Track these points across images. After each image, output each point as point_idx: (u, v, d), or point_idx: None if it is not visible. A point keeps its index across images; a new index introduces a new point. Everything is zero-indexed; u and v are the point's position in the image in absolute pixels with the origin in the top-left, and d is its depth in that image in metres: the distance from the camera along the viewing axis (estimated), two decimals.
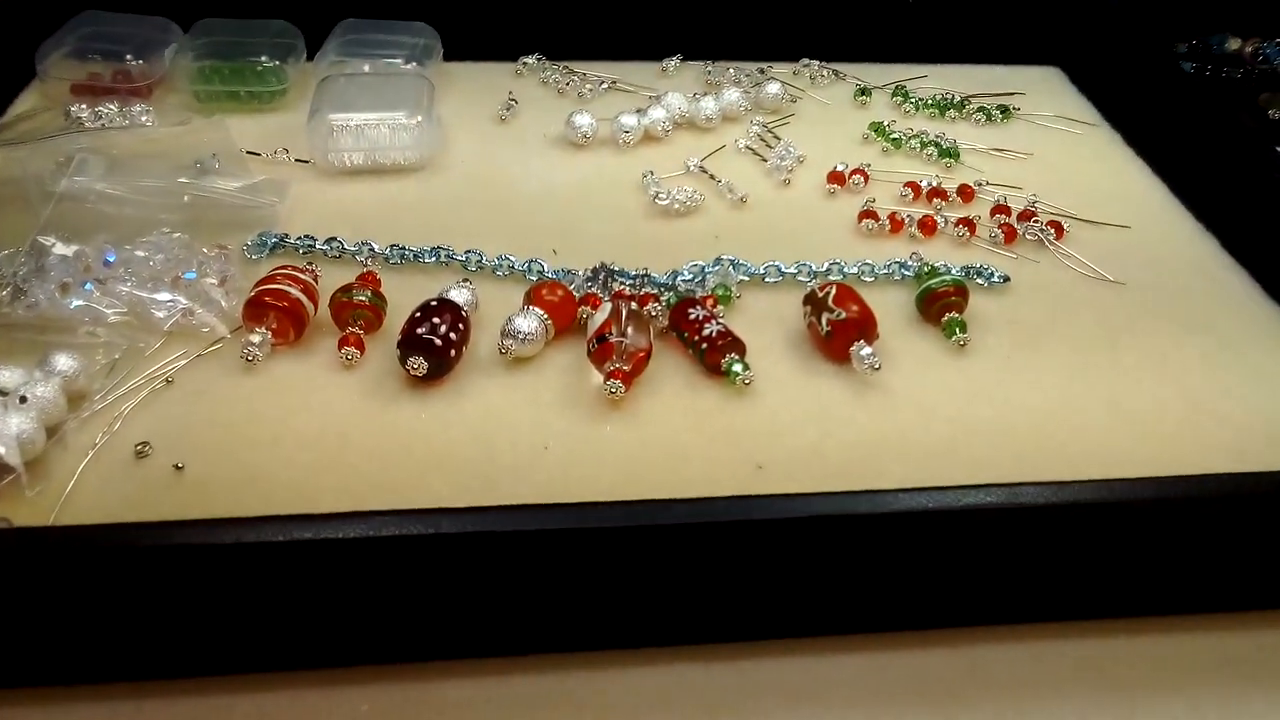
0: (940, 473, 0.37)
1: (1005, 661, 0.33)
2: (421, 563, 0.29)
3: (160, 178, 0.47)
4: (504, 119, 0.58)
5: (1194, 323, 0.45)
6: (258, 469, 0.35)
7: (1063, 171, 0.56)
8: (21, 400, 0.35)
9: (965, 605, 0.33)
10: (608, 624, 0.32)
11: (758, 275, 0.46)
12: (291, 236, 0.46)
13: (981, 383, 0.41)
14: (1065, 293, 0.47)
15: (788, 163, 0.54)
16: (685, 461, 0.37)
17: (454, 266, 0.46)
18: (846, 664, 0.32)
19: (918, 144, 0.57)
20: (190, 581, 0.29)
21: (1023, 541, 0.32)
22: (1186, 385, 0.42)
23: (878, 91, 0.63)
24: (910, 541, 0.31)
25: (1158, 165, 0.57)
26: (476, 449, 0.37)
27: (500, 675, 0.31)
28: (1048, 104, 0.63)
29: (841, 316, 0.41)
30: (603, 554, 0.30)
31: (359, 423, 0.37)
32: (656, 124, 0.57)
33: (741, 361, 0.40)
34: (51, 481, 0.34)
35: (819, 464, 0.37)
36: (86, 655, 0.30)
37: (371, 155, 0.52)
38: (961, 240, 0.50)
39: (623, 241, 0.49)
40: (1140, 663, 0.33)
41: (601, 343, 0.39)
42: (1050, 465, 0.38)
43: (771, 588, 0.32)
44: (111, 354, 0.39)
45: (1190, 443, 0.39)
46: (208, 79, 0.56)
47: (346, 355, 0.39)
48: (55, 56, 0.55)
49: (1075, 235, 0.51)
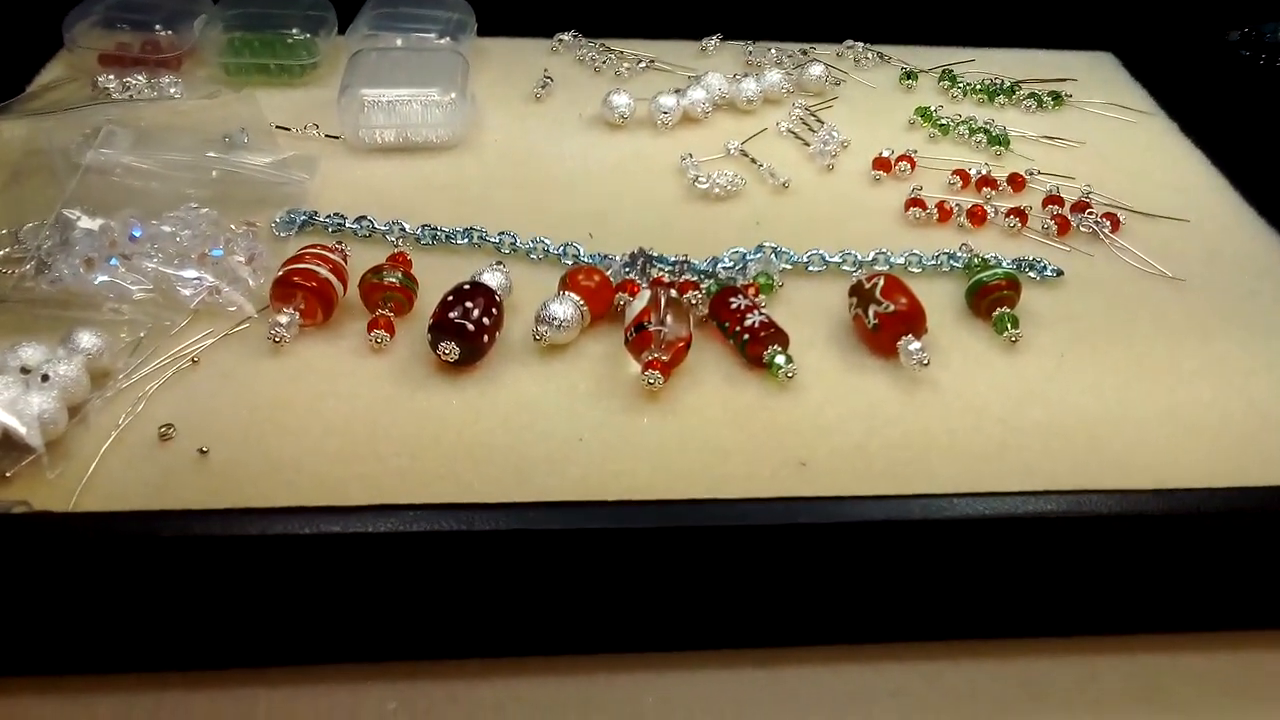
0: (991, 476, 0.36)
1: (1059, 675, 0.31)
2: (452, 559, 0.28)
3: (188, 151, 0.46)
4: (539, 97, 0.57)
5: (1259, 324, 0.43)
6: (283, 456, 0.34)
7: (1117, 161, 0.54)
8: (44, 379, 0.34)
9: (1018, 616, 0.32)
10: (643, 626, 0.31)
11: (801, 264, 0.44)
12: (320, 214, 0.45)
13: (1034, 382, 0.39)
14: (1121, 289, 0.45)
15: (831, 147, 0.53)
16: (725, 457, 0.35)
17: (486, 248, 0.45)
18: (893, 673, 0.31)
19: (966, 130, 0.55)
20: (213, 572, 0.28)
21: (1083, 551, 0.30)
22: (1252, 393, 0.40)
23: (924, 75, 0.61)
24: (965, 549, 0.29)
25: (1216, 156, 0.55)
26: (508, 439, 0.36)
27: (531, 676, 0.30)
28: (1100, 91, 0.61)
29: (890, 309, 0.39)
30: (640, 554, 0.29)
31: (388, 409, 0.36)
32: (696, 105, 0.55)
33: (785, 354, 0.38)
34: (73, 463, 0.33)
35: (864, 463, 0.36)
36: (107, 644, 0.29)
37: (403, 132, 0.50)
38: (1012, 231, 0.48)
39: (661, 226, 0.47)
40: (1205, 681, 0.31)
41: (640, 331, 0.38)
42: (1106, 474, 0.36)
43: (817, 592, 0.30)
44: (136, 332, 0.38)
45: (1255, 455, 0.37)
46: (237, 51, 0.55)
47: (376, 338, 0.38)
48: (83, 25, 0.54)
49: (1131, 228, 0.49)
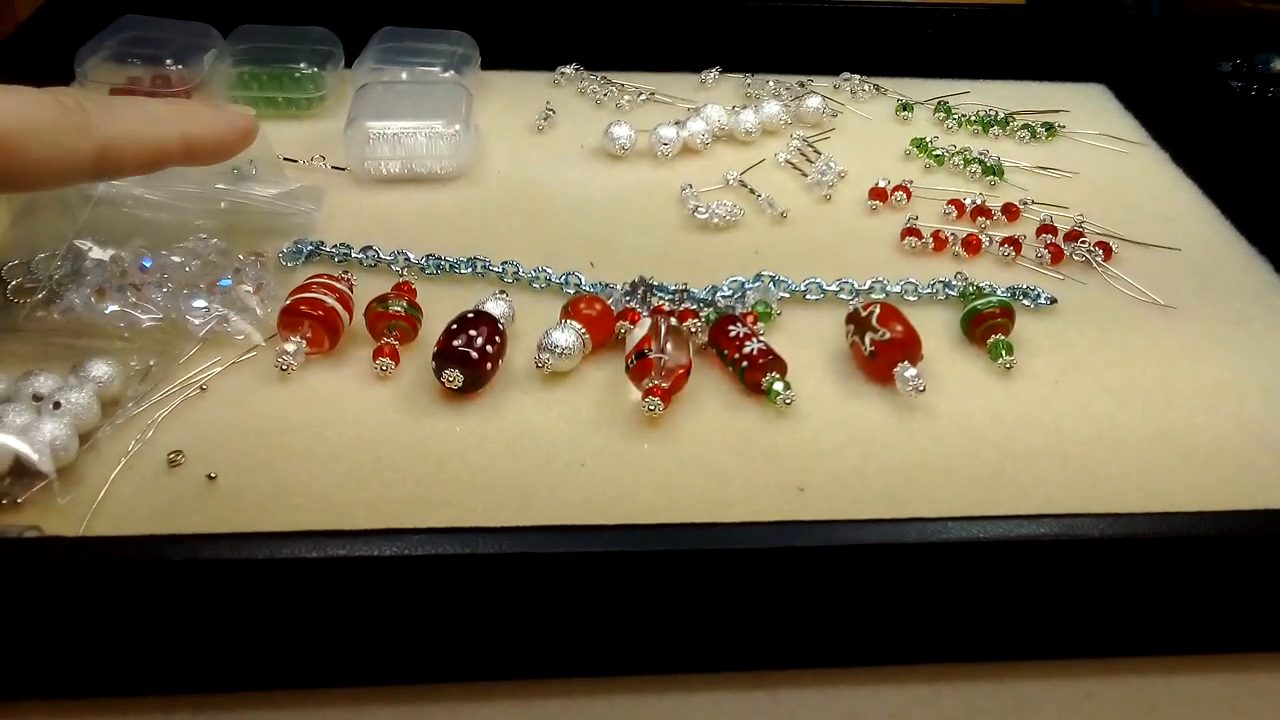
0: (986, 500, 0.36)
1: (1054, 697, 0.31)
2: (456, 582, 0.29)
3: (197, 183, 0.46)
4: (541, 129, 0.58)
5: (1250, 349, 0.44)
6: (290, 481, 0.35)
7: (1109, 191, 0.55)
8: (55, 406, 0.35)
9: (1013, 638, 0.32)
10: (644, 648, 0.31)
11: (799, 292, 0.45)
12: (327, 244, 0.46)
13: (1028, 408, 0.40)
14: (1114, 316, 0.46)
15: (829, 178, 0.53)
16: (725, 482, 0.36)
17: (490, 278, 0.45)
18: (889, 696, 0.31)
19: (961, 161, 0.56)
20: (222, 596, 0.28)
21: (1077, 574, 0.30)
22: (1244, 417, 0.40)
23: (919, 107, 0.62)
24: (960, 572, 0.30)
25: (1207, 186, 0.56)
26: (511, 465, 0.36)
27: (533, 698, 0.30)
28: (1093, 122, 0.62)
29: (886, 337, 0.40)
30: (640, 577, 0.29)
31: (392, 435, 0.37)
32: (695, 136, 0.56)
33: (783, 380, 0.39)
34: (84, 489, 0.34)
35: (861, 488, 0.36)
36: (115, 668, 0.29)
37: (408, 164, 0.51)
38: (1007, 260, 0.49)
39: (661, 255, 0.48)
40: (1199, 703, 0.31)
41: (640, 359, 0.38)
42: (1100, 497, 0.36)
43: (815, 615, 0.31)
44: (146, 360, 0.39)
45: (1248, 478, 0.38)
46: (246, 85, 0.56)
47: (381, 366, 0.39)
48: (94, 60, 0.55)
49: (1124, 257, 0.49)
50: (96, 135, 0.35)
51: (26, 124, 0.33)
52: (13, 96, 0.34)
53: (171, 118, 0.38)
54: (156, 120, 0.38)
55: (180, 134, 0.38)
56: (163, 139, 0.38)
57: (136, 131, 0.37)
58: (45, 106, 0.34)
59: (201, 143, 0.39)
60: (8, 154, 0.33)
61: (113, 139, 0.36)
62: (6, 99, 0.33)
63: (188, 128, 0.38)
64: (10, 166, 0.33)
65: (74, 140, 0.34)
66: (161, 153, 0.38)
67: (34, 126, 0.33)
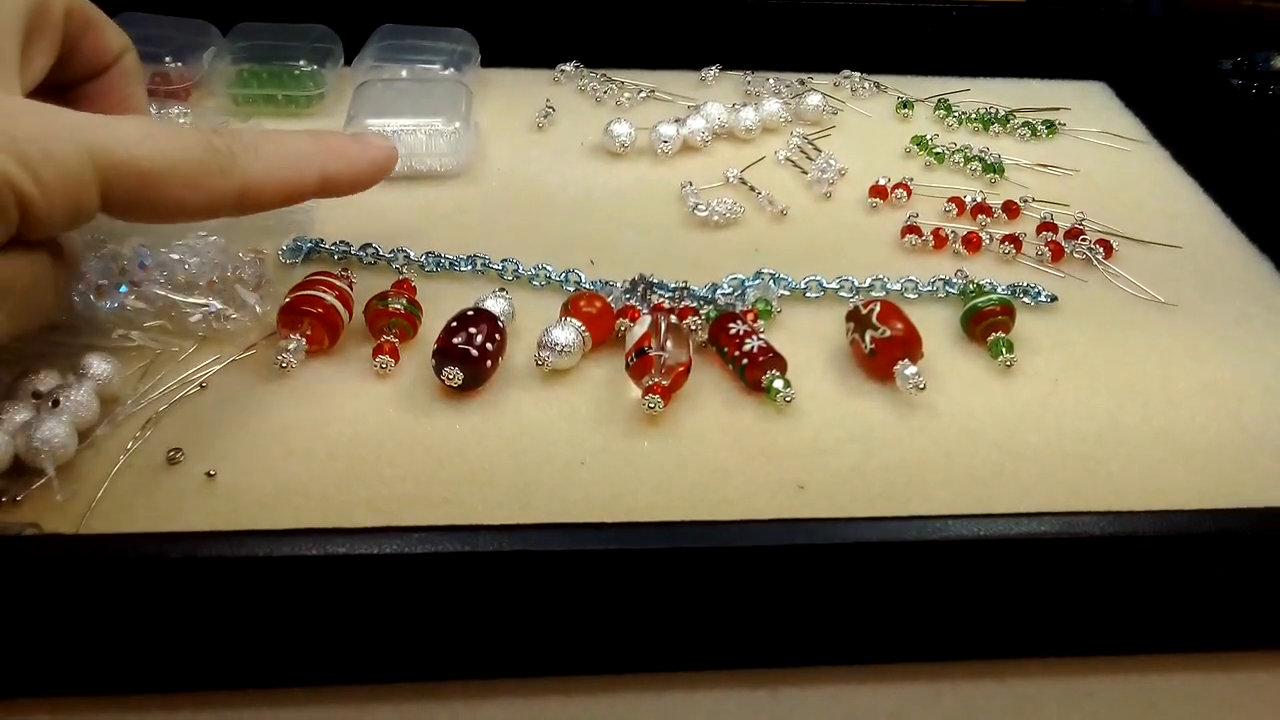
0: (986, 499, 0.36)
1: (1055, 695, 0.31)
2: (455, 580, 0.29)
3: None
4: (541, 127, 0.58)
5: (1251, 347, 0.44)
6: (290, 478, 0.35)
7: (1110, 189, 0.55)
8: (54, 404, 0.34)
9: (1014, 636, 0.32)
10: (644, 646, 0.31)
11: (799, 290, 0.45)
12: (326, 242, 0.46)
13: (1028, 406, 0.40)
14: (1115, 314, 0.45)
15: (829, 175, 0.53)
16: (725, 479, 0.36)
17: (490, 275, 0.45)
18: (889, 695, 0.31)
19: (961, 158, 0.56)
20: (221, 593, 0.28)
21: (1077, 572, 0.30)
22: (1244, 415, 0.40)
23: (920, 104, 0.62)
24: (961, 570, 0.30)
25: (1208, 183, 0.56)
26: (511, 463, 0.36)
27: (533, 696, 0.30)
28: (1093, 119, 0.62)
29: (886, 334, 0.40)
30: (640, 575, 0.29)
31: (392, 433, 0.37)
32: (695, 134, 0.56)
33: (783, 378, 0.39)
34: (82, 486, 0.34)
35: (861, 485, 0.36)
36: (114, 666, 0.29)
37: (408, 161, 0.51)
38: (1007, 258, 0.49)
39: (661, 253, 0.48)
40: (1199, 701, 0.31)
41: (640, 356, 0.38)
42: (1100, 495, 0.36)
43: (815, 613, 0.31)
44: (145, 358, 0.38)
45: (1248, 476, 0.38)
46: (246, 82, 0.56)
47: (381, 364, 0.39)
48: None
49: (1124, 254, 0.49)
50: (239, 177, 0.34)
51: (172, 163, 0.32)
52: (162, 134, 0.33)
53: (314, 154, 0.37)
54: (300, 158, 0.37)
55: (320, 172, 0.37)
56: (302, 179, 0.37)
57: (278, 173, 0.36)
58: (192, 148, 0.33)
59: (339, 178, 0.38)
60: (149, 190, 0.32)
61: (255, 181, 0.35)
62: (157, 136, 0.33)
63: (328, 164, 0.38)
64: (149, 202, 0.33)
65: (217, 183, 0.34)
66: (300, 191, 0.37)
67: (179, 166, 0.33)
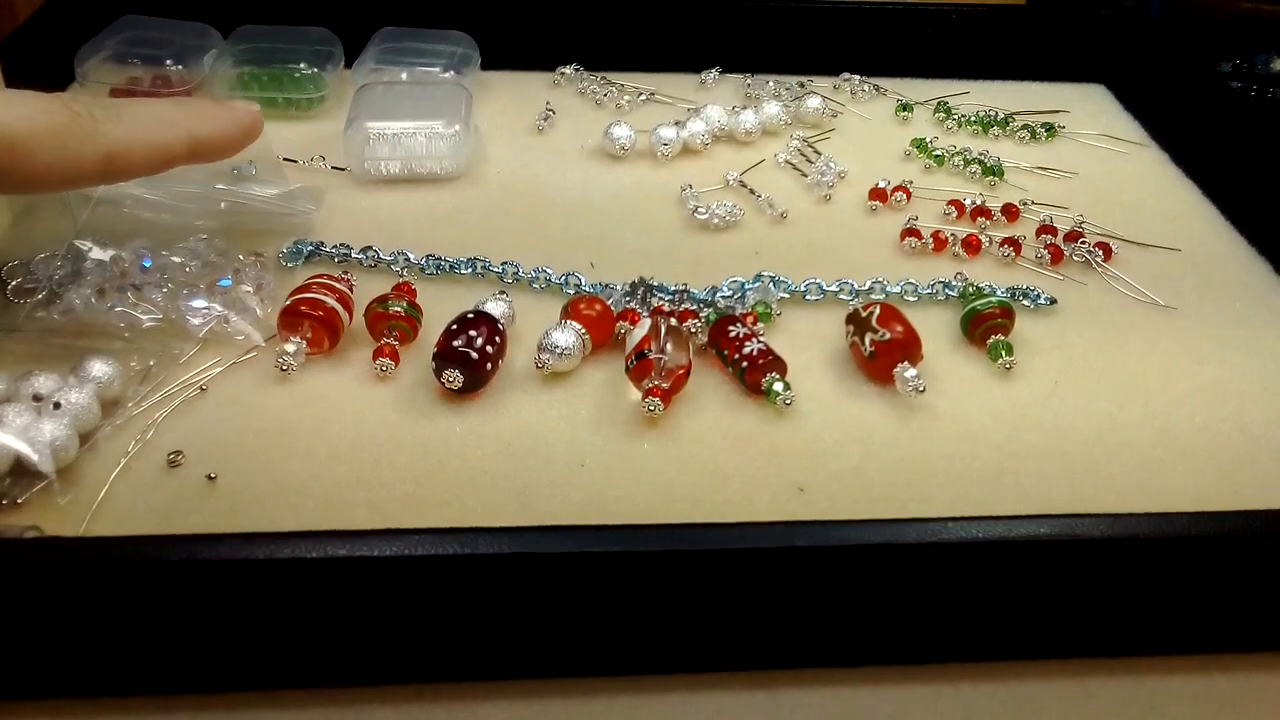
0: (986, 501, 0.36)
1: (1055, 698, 0.31)
2: (456, 582, 0.29)
3: (197, 183, 0.46)
4: (541, 129, 0.58)
5: (1250, 349, 0.44)
6: (290, 481, 0.35)
7: (1109, 191, 0.55)
8: (55, 406, 0.35)
9: (1014, 638, 0.32)
10: (644, 648, 0.31)
11: (798, 293, 0.45)
12: (327, 245, 0.46)
13: (1028, 408, 0.40)
14: (1114, 317, 0.46)
15: (828, 178, 0.53)
16: (724, 482, 0.36)
17: (490, 278, 0.45)
18: (889, 696, 0.31)
19: (961, 161, 0.56)
20: (222, 595, 0.28)
21: (1077, 574, 0.30)
22: (1244, 417, 0.40)
23: (919, 107, 0.62)
24: (960, 572, 0.30)
25: (1207, 186, 0.56)
26: (511, 465, 0.36)
27: (533, 698, 0.30)
28: (1092, 122, 0.62)
29: (886, 337, 0.40)
30: (640, 577, 0.29)
31: (393, 436, 0.37)
32: (695, 137, 0.56)
33: (782, 381, 0.39)
34: (83, 489, 0.34)
35: (861, 488, 0.36)
36: (115, 668, 0.29)
37: (408, 164, 0.51)
38: (1006, 260, 0.49)
39: (661, 256, 0.48)
40: (1199, 702, 0.31)
41: (640, 359, 0.38)
42: (1100, 497, 0.36)
43: (815, 615, 0.31)
44: (146, 361, 0.39)
45: (1248, 477, 0.38)
46: (246, 85, 0.56)
47: (381, 366, 0.39)
48: (94, 60, 0.55)
49: (1123, 257, 0.49)
50: (104, 141, 0.35)
51: (35, 129, 0.33)
52: (22, 101, 0.34)
53: (178, 119, 0.38)
54: (163, 123, 0.38)
55: (187, 135, 0.38)
56: (169, 142, 0.38)
57: (144, 136, 0.37)
58: (55, 113, 0.34)
59: (208, 142, 0.39)
60: (15, 157, 0.33)
61: (120, 144, 0.36)
62: (16, 104, 0.34)
63: (194, 128, 0.38)
64: (17, 170, 0.34)
65: (82, 146, 0.35)
66: (168, 155, 0.38)
67: (42, 132, 0.34)
